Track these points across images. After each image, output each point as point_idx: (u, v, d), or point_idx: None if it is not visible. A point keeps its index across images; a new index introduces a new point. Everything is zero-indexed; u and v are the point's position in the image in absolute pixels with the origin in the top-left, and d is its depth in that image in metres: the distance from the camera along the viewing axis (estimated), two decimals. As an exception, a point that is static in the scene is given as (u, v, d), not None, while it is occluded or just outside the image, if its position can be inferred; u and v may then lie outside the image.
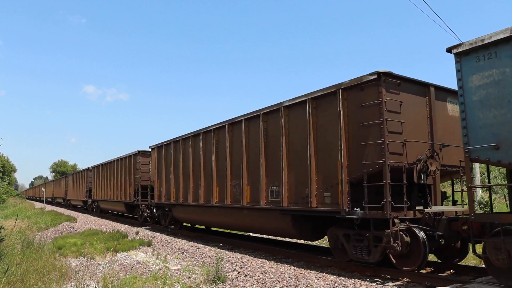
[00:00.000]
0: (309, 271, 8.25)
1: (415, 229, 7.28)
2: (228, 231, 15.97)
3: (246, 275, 8.04)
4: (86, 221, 23.45)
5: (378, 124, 7.50)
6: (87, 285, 7.12)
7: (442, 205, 8.70)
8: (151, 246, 12.93)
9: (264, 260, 9.70)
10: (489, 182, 6.69)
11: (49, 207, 43.26)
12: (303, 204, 9.02)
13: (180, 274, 8.56)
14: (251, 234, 15.09)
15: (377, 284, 7.03)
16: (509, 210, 6.60)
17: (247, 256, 10.36)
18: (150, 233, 16.51)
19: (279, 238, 13.71)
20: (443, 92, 8.58)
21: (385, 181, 7.31)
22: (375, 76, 7.57)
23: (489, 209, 16.76)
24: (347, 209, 7.90)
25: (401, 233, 7.24)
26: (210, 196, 12.92)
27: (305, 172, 8.98)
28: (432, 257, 8.78)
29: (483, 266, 8.68)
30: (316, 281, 7.31)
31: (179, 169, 15.24)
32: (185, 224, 17.09)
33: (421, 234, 7.26)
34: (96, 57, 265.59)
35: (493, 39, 5.85)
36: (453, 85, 9.71)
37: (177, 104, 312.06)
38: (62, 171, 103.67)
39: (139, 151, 20.50)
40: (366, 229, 7.84)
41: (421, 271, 7.73)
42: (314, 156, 8.86)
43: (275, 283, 7.33)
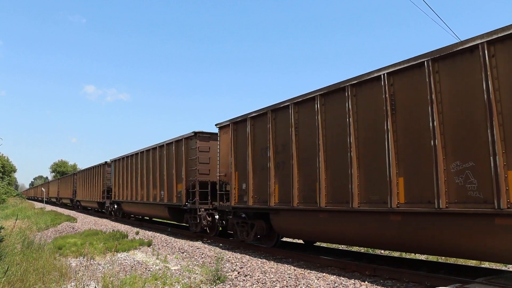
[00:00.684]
0: (309, 271, 8.25)
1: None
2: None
3: (246, 275, 8.04)
4: (86, 221, 23.46)
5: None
6: (87, 285, 7.12)
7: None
8: (151, 246, 12.94)
9: (264, 260, 9.70)
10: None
11: (49, 207, 43.27)
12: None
13: (180, 274, 8.56)
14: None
15: (377, 284, 7.03)
16: None
17: (247, 256, 10.36)
18: (150, 233, 16.52)
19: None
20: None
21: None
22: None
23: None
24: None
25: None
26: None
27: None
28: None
29: (482, 266, 8.68)
30: (316, 281, 7.31)
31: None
32: (287, 239, 12.23)
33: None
34: (96, 57, 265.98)
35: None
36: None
37: (177, 104, 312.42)
38: (62, 171, 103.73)
39: (195, 133, 15.19)
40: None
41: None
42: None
43: (275, 283, 7.33)
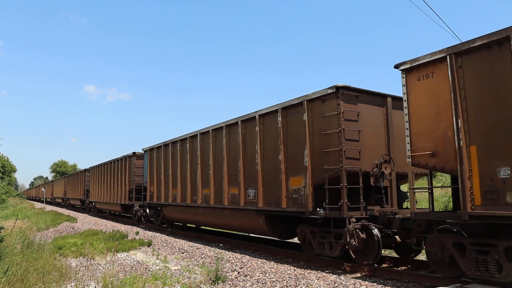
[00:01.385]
0: (309, 271, 8.25)
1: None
2: (227, 231, 16.00)
3: (246, 275, 8.04)
4: (86, 221, 23.45)
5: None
6: (87, 285, 7.12)
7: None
8: (151, 246, 12.93)
9: (264, 260, 9.70)
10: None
11: (49, 207, 43.30)
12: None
13: (180, 274, 8.56)
14: (251, 234, 15.26)
15: (377, 284, 7.03)
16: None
17: (247, 256, 10.36)
18: (150, 233, 16.51)
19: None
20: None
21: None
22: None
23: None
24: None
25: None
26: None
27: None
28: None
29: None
30: (316, 281, 7.31)
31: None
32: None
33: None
34: (97, 57, 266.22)
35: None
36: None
37: (177, 104, 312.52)
38: (62, 171, 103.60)
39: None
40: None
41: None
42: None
43: (275, 283, 7.33)
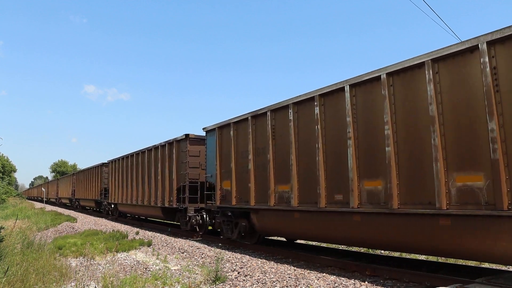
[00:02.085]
0: (309, 271, 8.25)
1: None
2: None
3: (246, 275, 8.04)
4: (86, 221, 23.46)
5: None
6: (87, 285, 7.12)
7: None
8: (151, 246, 12.93)
9: (264, 260, 9.70)
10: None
11: (49, 207, 43.25)
12: None
13: (180, 274, 8.56)
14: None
15: (377, 284, 7.03)
16: None
17: (247, 256, 10.36)
18: (150, 233, 16.52)
19: (279, 238, 13.72)
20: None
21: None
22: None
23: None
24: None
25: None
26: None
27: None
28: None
29: (482, 266, 8.68)
30: (316, 281, 7.31)
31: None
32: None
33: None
34: (97, 57, 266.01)
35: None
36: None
37: (177, 104, 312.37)
38: (62, 171, 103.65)
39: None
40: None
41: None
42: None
43: (275, 283, 7.33)
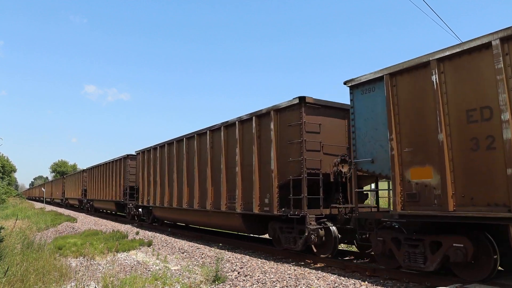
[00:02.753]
0: (309, 271, 8.25)
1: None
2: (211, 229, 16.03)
3: (246, 275, 8.04)
4: (86, 221, 23.45)
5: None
6: (87, 285, 7.12)
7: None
8: (151, 246, 12.93)
9: (264, 260, 9.70)
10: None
11: (49, 207, 43.30)
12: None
13: (180, 274, 8.56)
14: (251, 234, 15.47)
15: (377, 284, 7.03)
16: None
17: (247, 256, 10.36)
18: (150, 233, 16.51)
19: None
20: None
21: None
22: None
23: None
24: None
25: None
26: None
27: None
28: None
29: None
30: (316, 281, 7.31)
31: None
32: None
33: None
34: (97, 57, 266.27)
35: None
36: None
37: (177, 104, 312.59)
38: (62, 171, 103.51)
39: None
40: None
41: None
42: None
43: (275, 283, 7.33)
